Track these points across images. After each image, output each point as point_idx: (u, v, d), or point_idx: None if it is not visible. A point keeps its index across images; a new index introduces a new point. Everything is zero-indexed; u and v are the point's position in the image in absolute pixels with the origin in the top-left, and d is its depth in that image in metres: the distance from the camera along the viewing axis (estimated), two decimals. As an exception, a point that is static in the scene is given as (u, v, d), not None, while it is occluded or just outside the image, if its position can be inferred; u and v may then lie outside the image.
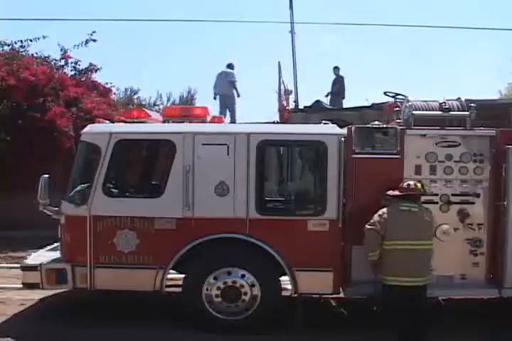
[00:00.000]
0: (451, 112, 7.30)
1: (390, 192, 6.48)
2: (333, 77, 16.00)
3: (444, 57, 42.93)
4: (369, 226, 6.25)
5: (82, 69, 16.89)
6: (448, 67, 44.04)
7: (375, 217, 6.26)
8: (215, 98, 14.96)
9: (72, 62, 16.72)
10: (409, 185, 6.41)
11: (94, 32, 16.56)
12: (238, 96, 15.07)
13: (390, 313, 6.28)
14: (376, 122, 7.25)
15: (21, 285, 7.46)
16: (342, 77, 15.92)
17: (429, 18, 38.12)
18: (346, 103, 15.10)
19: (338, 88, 15.70)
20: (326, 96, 15.71)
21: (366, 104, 12.26)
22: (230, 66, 15.32)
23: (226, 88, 14.84)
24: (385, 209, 6.31)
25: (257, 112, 20.33)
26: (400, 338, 6.18)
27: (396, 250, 6.12)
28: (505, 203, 6.80)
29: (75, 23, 42.75)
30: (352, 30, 51.13)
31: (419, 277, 6.12)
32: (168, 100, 30.96)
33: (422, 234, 6.18)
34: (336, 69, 15.96)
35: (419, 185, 6.43)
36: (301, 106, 15.10)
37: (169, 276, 7.17)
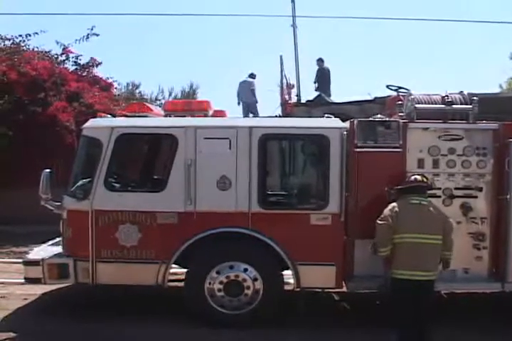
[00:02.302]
0: (453, 106, 7.25)
1: (399, 187, 6.45)
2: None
3: (447, 50, 42.81)
4: (380, 222, 6.15)
5: (83, 64, 16.87)
6: (450, 61, 43.94)
7: (386, 212, 6.18)
8: (238, 103, 15.96)
9: (73, 57, 16.70)
10: (416, 179, 6.38)
11: (94, 27, 16.56)
12: (256, 102, 16.07)
13: (394, 307, 6.24)
14: (378, 116, 7.22)
15: (23, 280, 7.46)
16: (323, 69, 16.10)
17: (431, 11, 37.96)
18: (348, 97, 15.15)
19: (317, 80, 15.97)
20: (315, 90, 15.82)
21: (368, 97, 12.26)
22: (252, 76, 16.42)
23: (249, 96, 15.94)
24: (394, 204, 6.24)
25: (259, 106, 20.21)
26: (402, 333, 6.14)
27: (404, 243, 6.04)
28: (508, 197, 6.77)
29: (78, 17, 42.67)
30: (354, 23, 50.98)
31: (425, 271, 6.05)
32: (170, 95, 30.98)
33: (430, 228, 6.08)
34: (320, 61, 16.16)
35: (425, 178, 6.41)
36: (303, 100, 15.14)
37: (171, 271, 7.15)
